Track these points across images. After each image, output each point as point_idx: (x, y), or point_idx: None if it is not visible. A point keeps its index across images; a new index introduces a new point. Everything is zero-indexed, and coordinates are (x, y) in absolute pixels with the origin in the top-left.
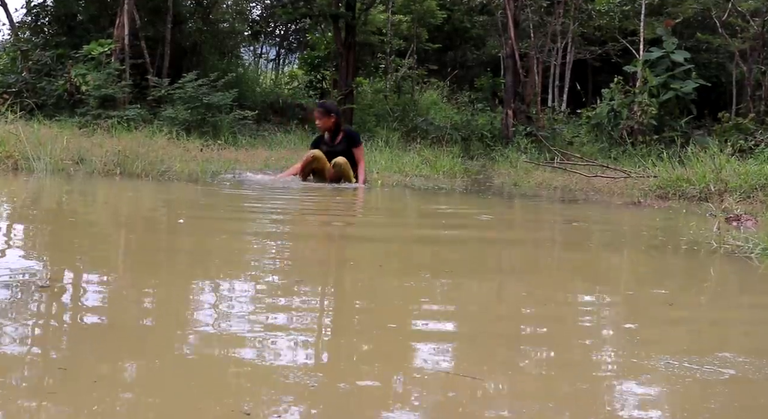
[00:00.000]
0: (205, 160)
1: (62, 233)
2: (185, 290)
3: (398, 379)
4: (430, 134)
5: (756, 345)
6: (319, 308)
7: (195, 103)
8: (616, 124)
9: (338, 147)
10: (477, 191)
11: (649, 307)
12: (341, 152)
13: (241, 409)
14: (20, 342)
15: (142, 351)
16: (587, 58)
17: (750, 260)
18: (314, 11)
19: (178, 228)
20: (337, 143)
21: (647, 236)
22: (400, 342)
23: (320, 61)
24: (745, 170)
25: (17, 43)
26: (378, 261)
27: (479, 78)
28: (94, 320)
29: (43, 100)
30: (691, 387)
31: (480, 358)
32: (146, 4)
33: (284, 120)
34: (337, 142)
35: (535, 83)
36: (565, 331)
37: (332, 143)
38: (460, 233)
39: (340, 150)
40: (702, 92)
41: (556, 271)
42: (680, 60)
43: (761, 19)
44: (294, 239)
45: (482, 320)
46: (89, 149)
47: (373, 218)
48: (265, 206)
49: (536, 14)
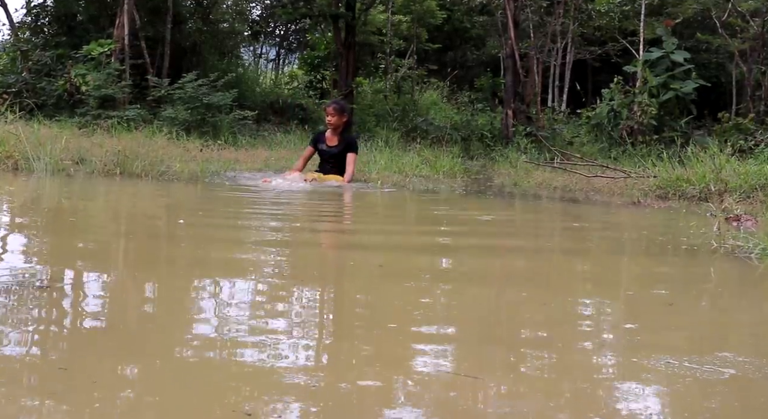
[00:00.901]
0: (205, 160)
1: (62, 234)
2: (185, 291)
3: (399, 379)
4: (430, 134)
5: (756, 345)
6: (319, 308)
7: (195, 103)
8: (616, 124)
9: (334, 150)
10: (477, 191)
11: (649, 307)
12: (337, 155)
13: (242, 409)
14: (20, 343)
15: (143, 352)
16: (587, 58)
17: (750, 260)
18: (314, 11)
19: (178, 228)
20: (336, 145)
21: (647, 236)
22: (401, 342)
23: (320, 62)
24: (745, 170)
25: (17, 44)
26: (377, 264)
27: (479, 78)
28: (94, 320)
29: (43, 101)
30: (691, 387)
31: (481, 358)
32: (146, 4)
33: (284, 120)
34: (336, 144)
35: (535, 83)
36: (565, 331)
37: (331, 145)
38: (460, 231)
39: (336, 153)
40: (702, 92)
41: (556, 271)
42: (680, 60)
43: (761, 19)
44: (294, 240)
45: (482, 320)
46: (89, 149)
47: (367, 221)
48: (261, 210)
49: (536, 14)
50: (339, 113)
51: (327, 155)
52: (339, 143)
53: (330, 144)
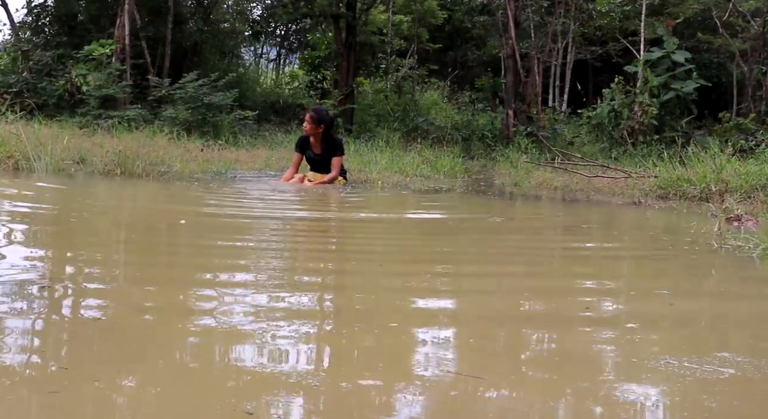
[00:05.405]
0: (206, 160)
1: (63, 233)
2: (187, 290)
3: (400, 379)
4: (430, 134)
5: (756, 345)
6: (320, 308)
7: (196, 103)
8: (617, 124)
9: (319, 157)
10: (478, 191)
11: (649, 307)
12: (322, 161)
13: (243, 409)
14: (22, 342)
15: (144, 352)
16: (588, 58)
17: (751, 260)
18: (315, 11)
19: (179, 229)
20: (320, 153)
21: (648, 236)
22: (402, 342)
23: (321, 62)
24: (745, 170)
25: (18, 44)
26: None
27: (480, 78)
28: (96, 320)
29: (43, 101)
30: (691, 387)
31: (481, 358)
32: (147, 4)
33: (285, 120)
34: (320, 152)
35: (535, 83)
36: (566, 331)
37: (316, 151)
38: (457, 226)
39: (321, 160)
40: (703, 92)
41: (557, 272)
42: (681, 60)
43: (762, 19)
44: (293, 241)
45: (483, 320)
46: (90, 149)
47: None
48: (258, 205)
49: (537, 14)
50: (315, 122)
51: (313, 162)
52: (322, 150)
53: (315, 151)
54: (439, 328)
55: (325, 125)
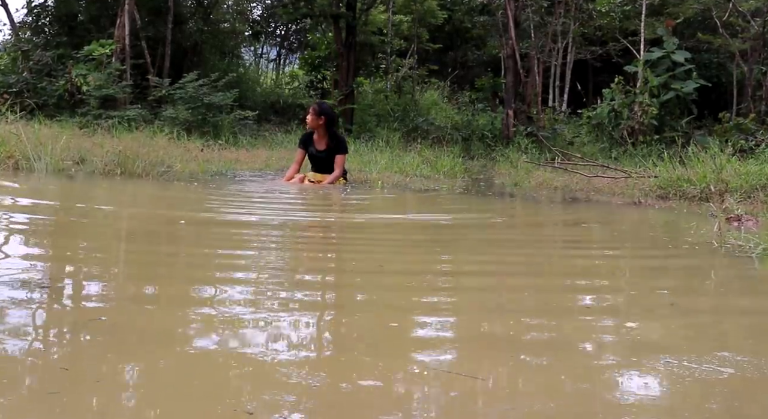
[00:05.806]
0: (206, 160)
1: (63, 233)
2: (186, 290)
3: (400, 379)
4: (430, 134)
5: (756, 345)
6: (320, 309)
7: (196, 103)
8: (617, 124)
9: (323, 154)
10: (478, 191)
11: (649, 307)
12: (326, 159)
13: (244, 409)
14: (22, 342)
15: (144, 351)
16: (588, 58)
17: (751, 260)
18: (315, 11)
19: (179, 228)
20: (324, 149)
21: (648, 236)
22: (402, 341)
23: (321, 62)
24: (745, 170)
25: (18, 44)
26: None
27: (480, 78)
28: (96, 319)
29: (43, 101)
30: (691, 387)
31: (481, 358)
32: (147, 4)
33: (285, 120)
34: (324, 148)
35: (535, 83)
36: (566, 330)
37: (319, 148)
38: (459, 224)
39: (324, 157)
40: (703, 92)
41: (557, 271)
42: (681, 60)
43: (762, 19)
44: (292, 242)
45: (483, 319)
46: (90, 149)
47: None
48: (259, 204)
49: (537, 14)
50: (315, 114)
51: (316, 159)
52: (327, 146)
53: (318, 148)
54: (439, 328)
55: (326, 116)
